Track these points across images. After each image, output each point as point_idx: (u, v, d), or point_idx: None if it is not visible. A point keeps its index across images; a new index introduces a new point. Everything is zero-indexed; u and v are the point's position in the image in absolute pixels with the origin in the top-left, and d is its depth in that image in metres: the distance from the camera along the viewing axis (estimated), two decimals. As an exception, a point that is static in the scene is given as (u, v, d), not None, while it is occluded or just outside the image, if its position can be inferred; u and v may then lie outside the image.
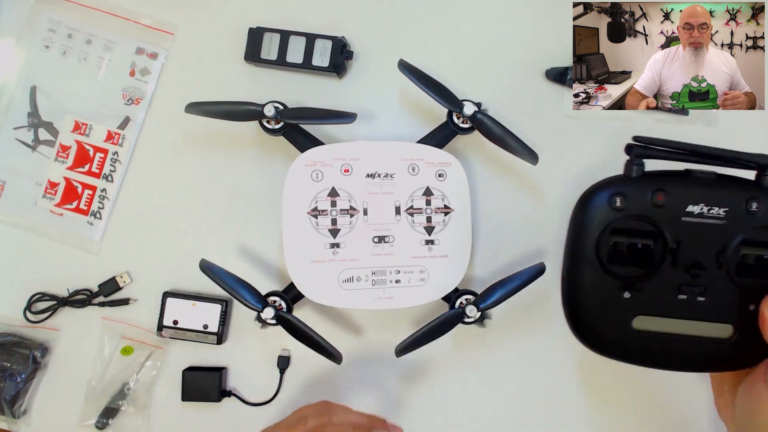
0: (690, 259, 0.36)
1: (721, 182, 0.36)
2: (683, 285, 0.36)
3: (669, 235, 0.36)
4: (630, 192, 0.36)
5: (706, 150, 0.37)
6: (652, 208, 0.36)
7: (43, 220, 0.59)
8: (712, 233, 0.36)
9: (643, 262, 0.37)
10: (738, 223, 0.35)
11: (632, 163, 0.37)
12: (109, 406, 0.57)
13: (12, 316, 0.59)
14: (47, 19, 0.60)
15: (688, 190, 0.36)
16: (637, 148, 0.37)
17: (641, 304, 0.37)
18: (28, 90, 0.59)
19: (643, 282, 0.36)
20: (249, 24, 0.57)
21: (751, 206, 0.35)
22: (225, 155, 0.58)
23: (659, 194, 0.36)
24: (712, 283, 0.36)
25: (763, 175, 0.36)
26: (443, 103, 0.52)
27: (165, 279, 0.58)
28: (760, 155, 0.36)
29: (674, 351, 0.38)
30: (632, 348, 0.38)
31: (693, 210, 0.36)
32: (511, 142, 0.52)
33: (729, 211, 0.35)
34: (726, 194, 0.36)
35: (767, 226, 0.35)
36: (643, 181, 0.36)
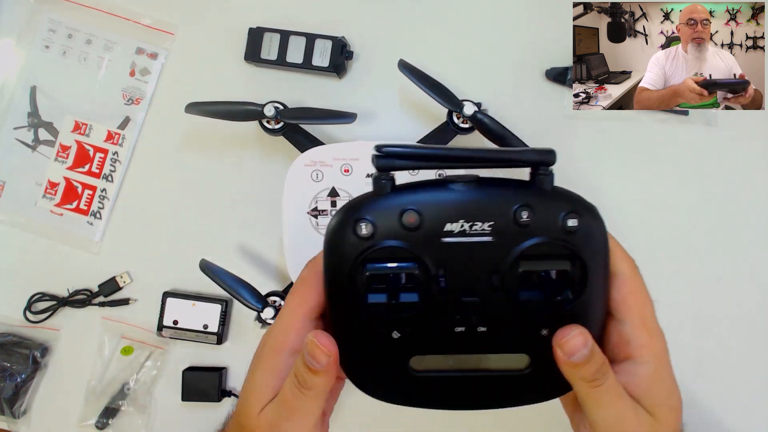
0: (460, 287, 0.30)
1: (484, 190, 0.30)
2: (458, 316, 0.31)
3: (430, 262, 0.30)
4: (376, 215, 0.30)
5: (465, 153, 0.30)
6: (403, 231, 0.29)
7: (43, 220, 0.59)
8: (479, 253, 0.30)
9: (409, 294, 0.31)
10: (508, 238, 0.30)
11: (379, 178, 0.30)
12: (109, 406, 0.57)
13: (12, 316, 0.59)
14: (47, 19, 0.60)
15: (444, 205, 0.30)
16: (381, 160, 0.30)
17: (415, 342, 0.31)
18: (28, 90, 0.59)
19: (414, 317, 0.31)
20: (249, 24, 0.57)
21: (521, 216, 0.29)
22: (225, 155, 0.58)
23: (410, 215, 0.29)
24: (492, 310, 0.31)
25: (537, 174, 0.30)
26: (443, 103, 0.52)
27: (165, 279, 0.58)
28: (532, 150, 0.30)
29: (465, 389, 0.33)
30: (415, 391, 0.33)
31: (452, 229, 0.29)
32: (511, 142, 0.51)
33: (495, 225, 0.29)
34: (488, 205, 0.30)
35: (544, 240, 0.30)
36: (391, 200, 0.30)
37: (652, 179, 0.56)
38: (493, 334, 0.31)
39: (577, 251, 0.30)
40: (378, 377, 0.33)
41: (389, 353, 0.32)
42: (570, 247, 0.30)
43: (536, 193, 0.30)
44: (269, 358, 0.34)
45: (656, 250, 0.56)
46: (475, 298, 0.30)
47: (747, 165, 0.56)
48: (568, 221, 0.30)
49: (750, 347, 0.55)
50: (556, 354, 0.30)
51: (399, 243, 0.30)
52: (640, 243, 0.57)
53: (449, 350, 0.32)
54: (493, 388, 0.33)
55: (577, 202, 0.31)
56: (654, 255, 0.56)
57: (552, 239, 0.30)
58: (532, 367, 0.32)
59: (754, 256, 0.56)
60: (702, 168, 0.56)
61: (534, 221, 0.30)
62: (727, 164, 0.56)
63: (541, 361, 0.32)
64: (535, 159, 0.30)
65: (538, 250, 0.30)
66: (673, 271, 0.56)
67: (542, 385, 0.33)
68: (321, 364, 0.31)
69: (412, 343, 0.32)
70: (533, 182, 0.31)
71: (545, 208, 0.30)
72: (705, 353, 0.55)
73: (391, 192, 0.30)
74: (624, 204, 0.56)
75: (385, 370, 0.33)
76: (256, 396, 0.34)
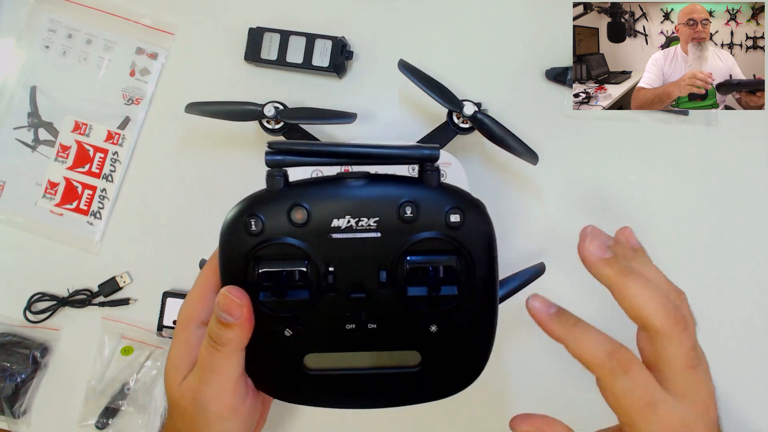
0: (349, 283, 0.31)
1: (373, 186, 0.31)
2: (348, 313, 0.31)
3: (318, 258, 0.30)
4: (266, 211, 0.30)
5: (352, 150, 0.30)
6: (292, 228, 0.30)
7: (43, 220, 0.59)
8: (367, 249, 0.30)
9: (299, 292, 0.31)
10: (394, 233, 0.30)
11: (271, 174, 0.30)
12: (109, 406, 0.57)
13: (12, 316, 0.59)
14: (47, 19, 0.60)
15: (331, 201, 0.30)
16: (271, 156, 0.30)
17: (307, 340, 0.32)
18: (28, 90, 0.59)
19: (305, 315, 0.31)
20: (249, 24, 0.57)
21: (405, 212, 0.30)
22: (225, 155, 0.58)
23: (298, 211, 0.30)
24: (380, 306, 0.31)
25: (424, 171, 0.31)
26: (443, 103, 0.52)
27: (165, 279, 0.58)
28: (417, 146, 0.31)
29: (360, 388, 0.33)
30: (311, 390, 0.33)
31: (339, 224, 0.30)
32: (511, 142, 0.51)
33: (381, 222, 0.30)
34: (374, 201, 0.30)
35: (430, 236, 0.30)
36: (281, 196, 0.30)
37: (652, 179, 0.56)
38: (382, 330, 0.32)
39: (461, 246, 0.30)
40: (273, 376, 0.34)
41: (283, 351, 0.32)
42: (454, 243, 0.30)
43: (422, 189, 0.31)
44: (180, 332, 0.35)
45: (656, 250, 0.56)
46: (363, 294, 0.31)
47: (747, 165, 0.56)
48: (451, 216, 0.30)
49: (750, 347, 0.55)
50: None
51: (288, 239, 0.30)
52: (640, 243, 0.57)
53: (341, 348, 0.32)
54: (386, 387, 0.33)
55: (461, 197, 0.31)
56: (654, 255, 0.56)
57: (436, 235, 0.30)
58: (423, 365, 0.32)
59: (755, 256, 0.56)
60: (702, 168, 0.56)
61: (419, 217, 0.30)
62: (727, 164, 0.56)
63: (432, 358, 0.32)
64: (419, 155, 0.31)
65: (424, 246, 0.30)
66: (673, 271, 0.56)
67: (435, 383, 0.33)
68: (236, 316, 0.31)
69: (305, 341, 0.32)
70: (421, 179, 0.31)
71: (430, 204, 0.30)
72: (705, 354, 0.55)
73: (284, 188, 0.30)
74: (624, 204, 0.56)
75: (279, 368, 0.33)
76: (173, 370, 0.35)
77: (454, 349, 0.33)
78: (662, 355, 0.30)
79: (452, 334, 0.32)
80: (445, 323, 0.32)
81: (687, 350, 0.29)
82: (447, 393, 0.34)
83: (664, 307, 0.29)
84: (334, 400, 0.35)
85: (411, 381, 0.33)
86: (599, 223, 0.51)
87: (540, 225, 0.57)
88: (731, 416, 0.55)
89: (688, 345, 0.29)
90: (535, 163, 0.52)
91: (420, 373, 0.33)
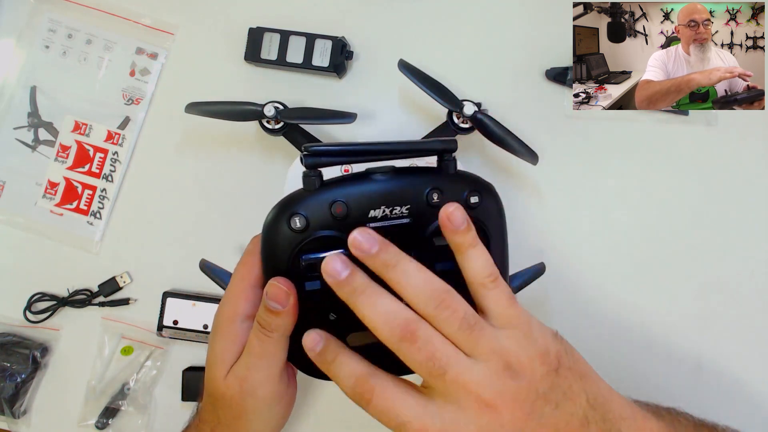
0: None
1: (400, 178, 0.34)
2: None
3: None
4: (308, 209, 0.33)
5: (381, 147, 0.34)
6: (333, 221, 0.33)
7: (43, 220, 0.59)
8: (401, 233, 0.34)
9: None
10: (423, 217, 0.34)
11: (308, 175, 0.34)
12: (109, 406, 0.58)
13: (12, 316, 0.59)
14: (47, 19, 0.60)
15: (366, 194, 0.34)
16: (309, 158, 0.33)
17: (349, 321, 0.34)
18: (28, 90, 0.59)
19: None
20: (249, 24, 0.57)
21: (432, 198, 0.34)
22: (225, 155, 0.58)
23: (338, 206, 0.33)
24: None
25: (443, 161, 0.35)
26: (443, 103, 0.52)
27: (165, 279, 0.58)
28: (438, 140, 0.35)
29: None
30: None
31: (375, 214, 0.33)
32: (511, 142, 0.51)
33: (411, 208, 0.34)
34: (404, 191, 0.34)
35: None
36: (320, 194, 0.34)
37: (652, 179, 0.56)
38: None
39: (479, 223, 0.34)
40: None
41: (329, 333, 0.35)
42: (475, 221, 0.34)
43: (443, 177, 0.35)
44: (225, 327, 0.37)
45: (656, 250, 0.56)
46: None
47: (747, 165, 0.56)
48: (471, 198, 0.35)
49: (750, 347, 0.55)
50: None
51: (330, 232, 0.33)
52: (640, 243, 0.57)
53: None
54: None
55: (476, 181, 0.36)
56: (654, 255, 0.56)
57: None
58: None
59: (755, 255, 0.56)
60: (702, 168, 0.56)
61: (443, 201, 0.34)
62: (727, 164, 0.56)
63: None
64: (440, 147, 0.35)
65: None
66: (673, 271, 0.56)
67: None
68: (283, 304, 0.34)
69: (348, 322, 0.34)
70: (440, 168, 0.35)
71: (451, 189, 0.34)
72: (705, 353, 0.55)
73: (320, 187, 0.34)
74: (624, 204, 0.56)
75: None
76: (218, 364, 0.37)
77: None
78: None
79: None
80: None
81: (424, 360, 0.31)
82: None
83: (389, 324, 0.31)
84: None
85: None
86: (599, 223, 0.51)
87: (540, 225, 0.57)
88: (732, 416, 0.55)
89: (424, 355, 0.31)
90: (535, 163, 0.52)
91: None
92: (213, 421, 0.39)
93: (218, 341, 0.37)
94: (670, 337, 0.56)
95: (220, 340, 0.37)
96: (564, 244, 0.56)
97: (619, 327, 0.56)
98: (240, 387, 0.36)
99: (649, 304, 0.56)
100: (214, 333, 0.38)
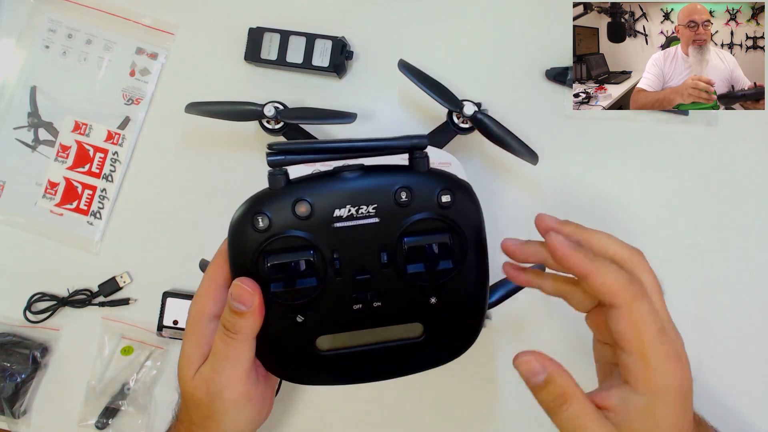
0: (353, 267, 0.33)
1: (369, 176, 0.33)
2: (354, 294, 0.34)
3: (324, 247, 0.33)
4: (271, 208, 0.32)
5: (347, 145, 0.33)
6: (297, 221, 0.32)
7: (43, 220, 0.59)
8: (367, 234, 0.33)
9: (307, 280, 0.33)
10: (391, 218, 0.33)
11: (273, 174, 0.32)
12: (109, 406, 0.57)
13: (12, 316, 0.59)
14: (47, 19, 0.60)
15: (331, 193, 0.32)
16: (272, 156, 0.32)
17: (318, 323, 0.34)
18: (28, 90, 0.59)
19: (314, 300, 0.34)
20: (249, 24, 0.57)
21: (400, 197, 0.32)
22: (225, 155, 0.58)
23: (301, 205, 0.32)
24: (384, 285, 0.34)
25: (413, 159, 0.33)
26: (443, 103, 0.52)
27: (165, 279, 0.58)
28: (407, 137, 0.33)
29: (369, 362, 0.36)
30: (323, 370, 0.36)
31: (341, 214, 0.32)
32: (511, 142, 0.51)
33: (379, 208, 0.32)
34: (371, 190, 0.32)
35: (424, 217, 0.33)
36: (285, 193, 0.32)
37: (652, 179, 0.56)
38: (387, 307, 0.34)
39: (452, 224, 0.33)
40: (287, 360, 0.36)
41: (295, 336, 0.35)
42: (447, 221, 0.33)
43: (413, 175, 0.33)
44: (192, 328, 0.37)
45: (656, 250, 0.56)
46: (368, 275, 0.33)
47: (747, 165, 0.56)
48: (442, 197, 0.33)
49: (750, 348, 0.55)
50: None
51: (294, 232, 0.32)
52: (640, 243, 0.57)
53: (350, 327, 0.35)
54: (394, 358, 0.36)
55: (450, 180, 0.34)
56: (654, 254, 0.56)
57: (430, 215, 0.33)
58: (426, 334, 0.35)
59: (755, 256, 0.56)
60: (702, 168, 0.56)
61: (413, 200, 0.33)
62: (727, 164, 0.56)
63: (433, 328, 0.35)
64: (409, 144, 0.33)
65: (420, 226, 0.33)
66: (673, 271, 0.56)
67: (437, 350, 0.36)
68: (248, 305, 0.33)
69: (316, 325, 0.34)
70: (411, 166, 0.33)
71: (422, 188, 0.33)
72: (705, 353, 0.55)
73: (286, 186, 0.33)
74: (624, 204, 0.56)
75: (293, 352, 0.35)
76: (186, 364, 0.37)
77: (452, 316, 0.35)
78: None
79: (450, 304, 0.35)
80: (443, 294, 0.34)
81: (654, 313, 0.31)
82: (449, 358, 0.37)
83: (627, 280, 0.31)
84: (345, 376, 0.37)
85: (416, 351, 0.36)
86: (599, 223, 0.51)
87: (540, 225, 0.57)
88: (732, 416, 0.55)
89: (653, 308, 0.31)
90: (535, 163, 0.52)
91: (424, 342, 0.35)
92: (187, 421, 0.38)
93: (186, 342, 0.37)
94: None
95: (188, 340, 0.37)
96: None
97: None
98: (207, 388, 0.36)
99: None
100: (185, 333, 0.37)
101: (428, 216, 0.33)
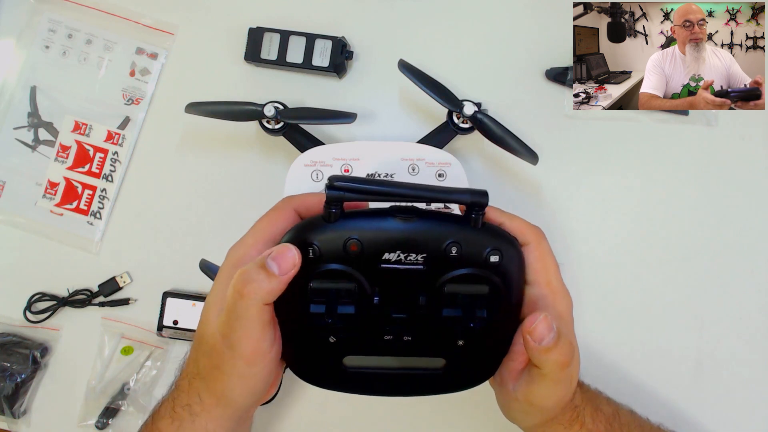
0: (392, 304, 0.34)
1: (422, 223, 0.34)
2: (388, 327, 0.35)
3: (366, 283, 0.34)
4: (323, 242, 0.33)
5: (408, 191, 0.33)
6: (346, 257, 0.33)
7: (43, 220, 0.59)
8: (411, 279, 0.34)
9: (346, 307, 0.35)
10: (438, 268, 0.33)
11: (329, 207, 0.33)
12: (109, 406, 0.57)
13: (12, 316, 0.59)
14: (47, 19, 0.60)
15: (383, 236, 0.33)
16: (332, 191, 0.32)
17: (348, 345, 0.36)
18: (28, 90, 0.59)
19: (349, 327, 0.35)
20: (249, 24, 0.57)
21: (451, 251, 0.33)
22: (225, 155, 0.58)
23: (352, 244, 0.33)
24: (417, 324, 0.35)
25: (470, 215, 0.34)
26: (443, 103, 0.52)
27: (165, 279, 0.58)
28: (469, 191, 0.33)
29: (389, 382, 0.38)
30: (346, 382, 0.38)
31: (390, 257, 0.33)
32: (511, 142, 0.51)
33: (428, 257, 0.33)
34: (424, 239, 0.33)
35: (467, 272, 0.34)
36: (338, 228, 0.33)
37: (652, 179, 0.56)
38: (416, 342, 0.36)
39: (496, 282, 0.34)
40: (315, 370, 0.38)
41: (326, 353, 0.36)
42: (490, 278, 0.34)
43: (467, 230, 0.34)
44: (228, 271, 0.36)
45: (656, 250, 0.56)
46: (404, 314, 0.35)
47: (747, 165, 0.56)
48: (491, 257, 0.34)
49: (750, 347, 0.55)
50: (526, 343, 0.33)
51: (341, 267, 0.33)
52: (640, 242, 0.57)
53: (378, 353, 0.37)
54: (412, 382, 0.38)
55: (501, 238, 0.35)
56: (654, 254, 0.56)
57: (475, 271, 0.34)
58: (447, 368, 0.37)
59: (755, 255, 0.56)
60: (702, 168, 0.56)
61: (461, 255, 0.33)
62: (727, 164, 0.56)
63: (455, 364, 0.37)
64: (470, 201, 0.33)
65: (463, 279, 0.34)
66: (673, 271, 0.56)
67: (455, 381, 0.38)
68: (282, 271, 0.32)
69: (346, 346, 0.36)
70: (466, 219, 0.34)
71: (473, 245, 0.34)
72: (705, 353, 0.55)
73: (340, 219, 0.33)
74: (624, 204, 0.56)
75: (321, 365, 0.37)
76: (213, 306, 0.36)
77: (475, 357, 0.37)
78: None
79: (476, 347, 0.36)
80: (472, 338, 0.36)
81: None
82: (465, 388, 0.38)
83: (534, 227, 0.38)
84: (366, 389, 0.39)
85: (434, 379, 0.37)
86: (599, 223, 0.51)
87: (539, 225, 0.57)
88: (732, 416, 0.55)
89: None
90: (535, 163, 0.52)
91: (443, 374, 0.37)
92: (194, 370, 0.37)
93: (219, 283, 0.36)
94: (669, 334, 0.56)
95: (221, 282, 0.36)
96: (564, 244, 0.56)
97: (618, 326, 0.56)
98: (223, 335, 0.35)
99: (648, 303, 0.56)
100: (218, 275, 0.36)
101: (473, 272, 0.34)
